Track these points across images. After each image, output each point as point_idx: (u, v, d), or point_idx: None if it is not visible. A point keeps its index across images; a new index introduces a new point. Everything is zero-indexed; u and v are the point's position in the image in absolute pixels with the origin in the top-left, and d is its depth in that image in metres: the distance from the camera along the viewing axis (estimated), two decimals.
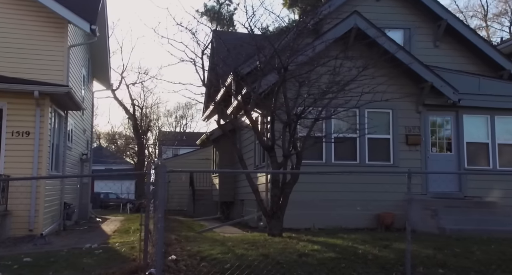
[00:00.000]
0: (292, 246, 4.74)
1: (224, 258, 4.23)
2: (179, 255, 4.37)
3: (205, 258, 4.23)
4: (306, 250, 4.53)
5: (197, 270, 3.87)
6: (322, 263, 4.09)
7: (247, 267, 3.88)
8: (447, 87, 8.74)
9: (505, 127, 9.23)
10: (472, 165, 9.11)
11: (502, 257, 4.41)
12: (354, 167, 8.75)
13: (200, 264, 4.03)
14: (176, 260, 4.06)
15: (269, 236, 5.90)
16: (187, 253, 4.47)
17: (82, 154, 12.54)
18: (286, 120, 6.13)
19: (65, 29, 9.33)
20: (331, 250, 4.47)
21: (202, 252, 4.49)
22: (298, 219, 8.12)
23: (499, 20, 24.78)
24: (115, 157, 36.60)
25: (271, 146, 6.22)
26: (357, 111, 8.85)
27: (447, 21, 10.36)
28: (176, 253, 4.51)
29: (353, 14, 8.78)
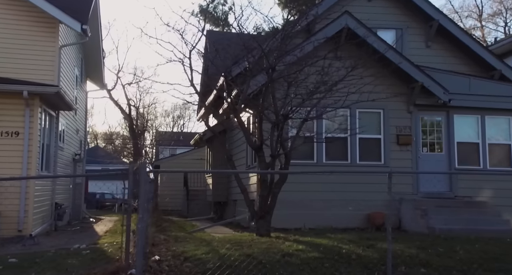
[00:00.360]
0: (277, 246, 4.74)
1: (207, 258, 4.23)
2: (163, 256, 4.37)
3: (188, 259, 4.23)
4: (291, 250, 4.54)
5: (179, 271, 3.86)
6: (306, 263, 4.10)
7: (229, 267, 3.89)
8: (437, 87, 8.78)
9: (496, 127, 9.27)
10: (462, 165, 9.15)
11: (484, 256, 4.44)
12: (345, 167, 8.77)
13: (183, 265, 4.03)
14: (159, 261, 4.05)
15: (257, 236, 5.91)
16: (171, 254, 4.47)
17: (75, 154, 12.50)
18: (274, 120, 6.13)
19: (56, 29, 9.31)
20: (316, 250, 4.48)
21: (186, 253, 4.49)
22: (289, 219, 8.13)
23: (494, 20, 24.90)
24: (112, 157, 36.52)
25: (259, 146, 6.23)
26: (348, 111, 8.90)
27: (439, 22, 10.40)
28: (161, 253, 4.51)
29: (344, 14, 8.80)
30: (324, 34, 8.49)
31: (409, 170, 8.38)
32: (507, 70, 10.51)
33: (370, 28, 9.69)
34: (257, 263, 4.03)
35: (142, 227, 3.38)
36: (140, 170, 3.41)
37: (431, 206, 8.24)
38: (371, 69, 8.42)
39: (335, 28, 8.73)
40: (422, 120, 9.24)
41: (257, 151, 6.27)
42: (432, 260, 4.29)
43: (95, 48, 13.46)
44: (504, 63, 10.71)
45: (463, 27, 25.75)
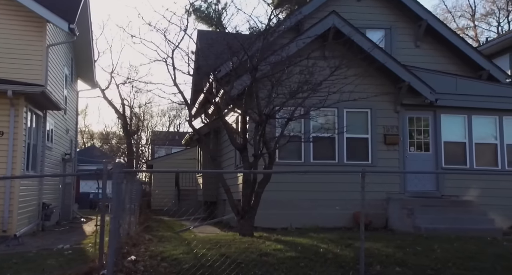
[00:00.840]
0: (256, 246, 4.76)
1: (184, 258, 4.23)
2: (141, 256, 4.37)
3: (165, 259, 4.24)
4: (269, 249, 4.55)
5: (154, 271, 3.87)
6: (282, 262, 4.11)
7: (204, 267, 3.89)
8: (423, 86, 8.81)
9: (482, 127, 9.32)
10: (449, 164, 9.20)
11: (461, 255, 4.47)
12: (333, 167, 8.79)
13: (160, 265, 4.04)
14: (135, 261, 4.05)
15: (239, 235, 5.91)
16: (150, 254, 4.47)
17: (65, 154, 12.45)
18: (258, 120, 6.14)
19: (43, 28, 9.27)
20: (293, 250, 4.50)
21: (164, 253, 4.50)
22: (276, 218, 8.15)
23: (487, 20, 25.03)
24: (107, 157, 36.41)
25: (243, 146, 6.23)
26: (335, 111, 8.93)
27: (427, 22, 10.44)
28: (139, 253, 4.51)
29: (331, 14, 8.81)
30: (311, 34, 8.50)
31: (383, 170, 8.38)
32: (495, 70, 10.58)
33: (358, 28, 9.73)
34: (233, 262, 4.03)
35: (114, 228, 3.38)
36: (113, 170, 3.40)
37: (418, 206, 8.28)
38: (359, 69, 8.43)
39: (322, 28, 8.74)
40: (409, 120, 9.27)
41: (241, 151, 6.28)
42: (408, 259, 4.32)
43: (85, 47, 13.41)
44: (492, 63, 10.78)
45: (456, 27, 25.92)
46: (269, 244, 4.93)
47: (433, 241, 5.36)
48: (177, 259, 4.20)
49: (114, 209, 3.41)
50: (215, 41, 8.14)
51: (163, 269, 3.88)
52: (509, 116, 9.28)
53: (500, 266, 4.15)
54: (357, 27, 10.00)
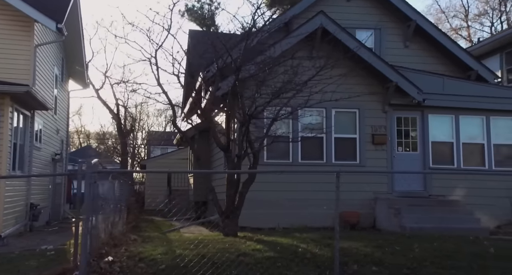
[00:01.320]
0: (236, 246, 4.76)
1: (162, 258, 4.23)
2: (120, 256, 4.36)
3: (143, 259, 4.23)
4: (248, 249, 4.55)
5: (130, 271, 3.86)
6: (259, 262, 4.12)
7: (181, 268, 3.89)
8: (411, 86, 8.85)
9: (470, 127, 9.37)
10: (437, 164, 9.24)
11: (439, 254, 4.49)
12: (321, 167, 8.81)
13: (137, 265, 4.03)
14: (112, 262, 4.05)
15: (223, 235, 5.92)
16: (129, 254, 4.46)
17: (55, 154, 12.40)
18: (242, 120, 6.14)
19: (31, 28, 9.24)
20: (273, 250, 4.50)
21: (143, 253, 4.49)
22: (263, 218, 8.15)
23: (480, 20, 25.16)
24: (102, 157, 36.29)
25: (227, 146, 6.23)
26: (324, 111, 8.95)
27: (416, 22, 10.48)
28: (118, 254, 4.50)
29: (318, 14, 8.83)
30: (298, 34, 8.51)
31: (356, 170, 8.38)
32: (484, 70, 10.64)
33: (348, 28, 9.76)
34: (210, 263, 4.04)
35: (86, 229, 3.37)
36: (86, 170, 3.40)
37: (404, 205, 8.32)
38: (345, 69, 8.46)
39: (310, 28, 8.75)
40: (397, 120, 9.31)
41: (225, 151, 6.28)
42: (386, 258, 4.33)
43: (76, 47, 13.37)
44: (480, 64, 10.84)
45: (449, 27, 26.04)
46: (249, 244, 4.93)
47: (414, 240, 5.39)
48: (155, 260, 4.19)
49: (86, 210, 3.40)
50: (200, 41, 8.14)
51: (139, 270, 3.87)
52: (496, 116, 9.34)
53: (477, 264, 4.18)
54: (346, 27, 10.05)
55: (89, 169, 3.40)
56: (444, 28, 25.91)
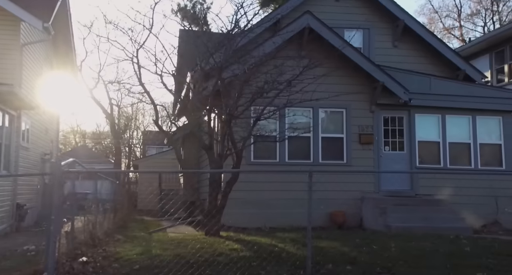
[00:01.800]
0: (214, 246, 4.76)
1: (137, 259, 4.23)
2: (96, 256, 4.36)
3: (119, 259, 4.23)
4: (225, 249, 4.56)
5: (103, 272, 3.85)
6: (234, 262, 4.12)
7: (156, 268, 3.89)
8: (397, 86, 8.88)
9: (456, 126, 9.41)
10: (424, 163, 9.28)
11: (415, 253, 4.52)
12: (308, 166, 8.82)
13: (111, 265, 4.02)
14: (85, 262, 4.04)
15: (206, 235, 5.92)
16: (105, 254, 4.46)
17: (44, 154, 12.33)
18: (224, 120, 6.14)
19: (17, 27, 9.17)
20: (250, 249, 4.51)
21: (120, 253, 4.48)
22: (250, 218, 8.15)
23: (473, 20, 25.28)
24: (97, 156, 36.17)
25: (209, 146, 6.23)
26: (310, 110, 8.97)
27: (404, 22, 10.51)
28: (95, 254, 4.49)
29: (305, 14, 8.84)
30: (285, 34, 8.51)
31: (326, 170, 8.35)
32: (471, 70, 10.69)
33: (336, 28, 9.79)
34: (186, 263, 4.03)
35: (55, 229, 3.36)
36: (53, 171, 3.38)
37: (390, 205, 8.34)
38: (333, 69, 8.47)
39: (296, 28, 8.75)
40: (384, 119, 9.33)
41: (207, 150, 6.27)
42: (361, 257, 4.35)
43: (66, 47, 13.30)
44: (468, 64, 10.89)
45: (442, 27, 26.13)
46: (228, 244, 4.94)
47: (393, 239, 5.41)
48: (130, 260, 4.19)
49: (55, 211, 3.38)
50: (190, 41, 8.12)
51: (112, 270, 3.87)
52: (482, 115, 9.39)
53: (451, 263, 4.20)
54: (335, 27, 10.07)
55: (58, 169, 3.39)
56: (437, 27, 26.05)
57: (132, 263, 4.06)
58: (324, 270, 3.98)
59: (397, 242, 5.15)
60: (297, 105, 7.13)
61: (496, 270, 3.96)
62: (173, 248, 4.58)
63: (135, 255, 4.36)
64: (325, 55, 8.44)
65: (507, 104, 9.42)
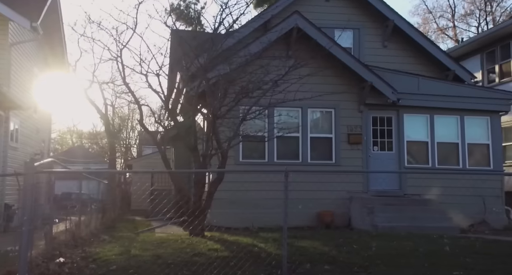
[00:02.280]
0: (194, 246, 4.76)
1: (116, 259, 4.22)
2: (74, 257, 4.35)
3: (96, 260, 4.22)
4: (205, 249, 4.56)
5: (79, 273, 3.84)
6: (213, 262, 4.12)
7: (133, 268, 3.89)
8: (385, 86, 8.90)
9: (445, 126, 9.45)
10: (412, 163, 9.31)
11: (394, 253, 4.53)
12: (297, 166, 8.84)
13: (88, 266, 4.01)
14: (62, 263, 4.03)
15: (190, 235, 5.92)
16: (84, 255, 4.45)
17: (34, 154, 12.28)
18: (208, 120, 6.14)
19: (5, 26, 9.15)
20: (229, 249, 4.51)
21: (99, 254, 4.48)
22: (239, 218, 8.15)
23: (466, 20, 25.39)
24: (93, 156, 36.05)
25: (194, 147, 6.23)
26: (299, 110, 8.99)
27: (394, 22, 10.54)
28: (74, 255, 4.48)
29: (294, 14, 8.85)
30: (273, 34, 8.51)
31: (303, 169, 8.33)
32: (461, 70, 10.73)
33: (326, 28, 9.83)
34: (163, 263, 4.03)
35: (26, 230, 3.34)
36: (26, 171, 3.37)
37: (378, 204, 8.37)
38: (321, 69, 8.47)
39: (285, 28, 8.76)
40: (373, 119, 9.35)
41: (192, 151, 6.27)
42: (340, 257, 4.36)
43: (58, 46, 13.27)
44: (458, 64, 10.93)
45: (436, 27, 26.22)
46: (209, 244, 4.94)
47: (376, 239, 5.43)
48: (108, 260, 4.18)
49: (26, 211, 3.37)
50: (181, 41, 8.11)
51: (88, 271, 3.86)
52: (470, 115, 9.43)
53: (428, 262, 4.22)
54: (325, 27, 10.09)
55: (31, 169, 3.38)
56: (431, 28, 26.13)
57: (110, 264, 4.05)
58: (302, 269, 3.99)
59: (379, 241, 5.16)
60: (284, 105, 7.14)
61: (470, 269, 3.98)
62: (153, 248, 4.58)
63: (113, 256, 4.35)
64: (314, 55, 8.43)
65: (495, 104, 9.47)
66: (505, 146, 12.30)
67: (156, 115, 8.23)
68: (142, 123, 6.81)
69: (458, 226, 8.09)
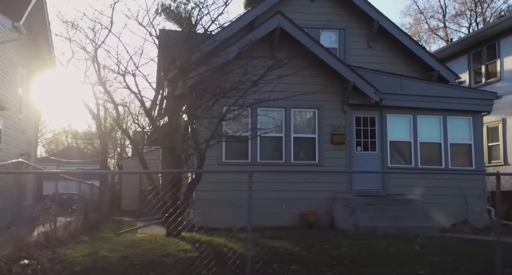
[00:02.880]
0: (164, 247, 4.75)
1: (82, 260, 4.20)
2: (41, 259, 4.32)
3: (63, 261, 4.19)
4: (174, 250, 4.55)
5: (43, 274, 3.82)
6: (180, 263, 4.11)
7: (98, 270, 3.87)
8: (368, 86, 8.93)
9: (427, 127, 9.49)
10: (395, 163, 9.34)
11: (364, 252, 4.54)
12: (280, 167, 8.85)
13: (53, 268, 3.99)
14: (27, 265, 4.01)
15: (166, 236, 5.90)
16: (51, 257, 4.42)
17: (20, 154, 12.20)
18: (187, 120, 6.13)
19: None
20: (198, 250, 4.50)
21: (67, 255, 4.45)
22: (221, 218, 8.11)
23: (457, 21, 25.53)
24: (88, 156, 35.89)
25: (171, 147, 6.21)
26: (282, 110, 8.99)
27: (379, 23, 10.58)
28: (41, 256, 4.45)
29: (276, 14, 8.85)
30: (257, 35, 8.51)
31: (266, 169, 8.26)
32: (445, 71, 10.79)
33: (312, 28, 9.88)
34: (129, 264, 4.02)
35: None
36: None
37: (360, 204, 8.38)
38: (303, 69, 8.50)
39: (268, 28, 8.77)
40: (356, 120, 9.38)
41: (169, 151, 6.26)
42: (309, 257, 4.37)
43: (44, 46, 13.18)
44: (442, 65, 11.00)
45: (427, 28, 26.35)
46: (181, 244, 4.93)
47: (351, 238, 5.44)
48: (74, 262, 4.16)
49: None
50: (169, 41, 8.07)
51: (52, 273, 3.84)
52: (453, 116, 9.48)
53: (396, 261, 4.23)
54: (311, 28, 10.12)
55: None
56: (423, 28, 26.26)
57: (75, 265, 4.03)
58: (270, 269, 3.99)
59: (353, 241, 5.17)
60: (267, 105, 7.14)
61: (435, 267, 4.00)
62: (123, 249, 4.56)
63: (81, 257, 4.33)
64: (297, 55, 8.45)
65: (477, 104, 9.53)
66: (491, 146, 12.41)
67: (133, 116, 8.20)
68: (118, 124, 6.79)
69: (439, 225, 8.13)
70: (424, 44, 26.02)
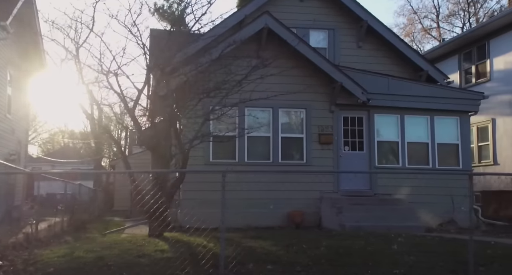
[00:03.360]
0: (142, 247, 4.73)
1: (56, 261, 4.18)
2: (16, 260, 4.30)
3: (38, 262, 4.17)
4: (151, 250, 4.53)
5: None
6: (156, 263, 4.10)
7: (71, 270, 3.85)
8: (355, 86, 8.94)
9: (414, 126, 9.51)
10: (383, 163, 9.37)
11: (342, 252, 4.54)
12: (268, 166, 8.85)
13: (26, 269, 3.97)
14: None
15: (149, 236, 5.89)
16: (26, 258, 4.40)
17: (10, 154, 12.14)
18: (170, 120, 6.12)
19: None
20: (176, 250, 4.49)
21: (43, 256, 4.43)
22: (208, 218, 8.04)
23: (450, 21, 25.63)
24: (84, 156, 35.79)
25: (154, 146, 6.20)
26: (270, 110, 9.00)
27: (368, 23, 10.59)
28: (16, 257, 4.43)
29: (264, 14, 8.85)
30: (244, 34, 8.50)
31: (241, 169, 8.22)
32: (434, 71, 10.81)
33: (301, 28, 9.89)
34: (103, 265, 4.00)
35: None
36: None
37: (347, 204, 8.40)
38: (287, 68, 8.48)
39: (256, 28, 8.77)
40: (344, 120, 9.39)
41: (152, 151, 6.24)
42: (285, 256, 4.37)
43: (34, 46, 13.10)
44: (431, 65, 11.02)
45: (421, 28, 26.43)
46: (160, 244, 4.92)
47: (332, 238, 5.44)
48: (48, 263, 4.14)
49: None
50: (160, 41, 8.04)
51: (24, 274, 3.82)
52: (440, 116, 9.51)
53: (373, 261, 4.24)
54: (300, 27, 10.13)
55: None
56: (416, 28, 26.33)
57: (49, 266, 4.01)
58: (244, 269, 3.99)
59: (333, 241, 5.18)
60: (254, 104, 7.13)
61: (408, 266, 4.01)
62: (100, 250, 4.54)
63: (56, 258, 4.31)
64: (284, 55, 8.47)
65: (464, 104, 9.56)
66: (481, 146, 12.46)
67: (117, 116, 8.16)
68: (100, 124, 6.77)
69: (425, 225, 8.15)
70: (418, 44, 26.12)
